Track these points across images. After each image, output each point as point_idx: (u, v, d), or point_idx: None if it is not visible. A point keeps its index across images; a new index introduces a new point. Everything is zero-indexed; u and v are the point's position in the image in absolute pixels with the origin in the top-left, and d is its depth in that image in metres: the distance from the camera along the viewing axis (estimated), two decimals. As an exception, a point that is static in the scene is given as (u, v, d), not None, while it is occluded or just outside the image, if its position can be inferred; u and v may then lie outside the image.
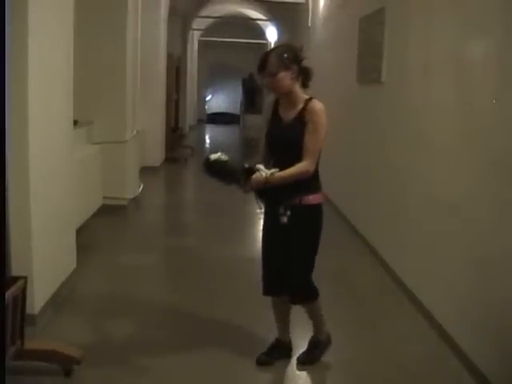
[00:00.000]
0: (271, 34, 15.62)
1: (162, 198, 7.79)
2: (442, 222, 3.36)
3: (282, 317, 2.95)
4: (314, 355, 2.95)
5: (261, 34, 17.30)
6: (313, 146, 2.61)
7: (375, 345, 3.24)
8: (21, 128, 2.92)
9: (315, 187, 2.72)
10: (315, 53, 8.26)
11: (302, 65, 2.67)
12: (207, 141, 15.65)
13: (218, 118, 20.46)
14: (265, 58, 2.63)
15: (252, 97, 16.80)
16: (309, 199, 2.67)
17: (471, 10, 3.11)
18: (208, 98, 21.61)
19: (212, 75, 20.83)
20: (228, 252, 4.85)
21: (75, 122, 4.34)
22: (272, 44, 15.15)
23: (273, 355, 2.93)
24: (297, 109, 2.67)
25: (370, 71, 5.08)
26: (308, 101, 2.66)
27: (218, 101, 21.79)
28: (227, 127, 18.67)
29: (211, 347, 3.06)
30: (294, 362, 2.95)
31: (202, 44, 18.54)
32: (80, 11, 4.12)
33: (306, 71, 2.69)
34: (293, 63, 2.63)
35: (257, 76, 2.72)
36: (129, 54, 5.91)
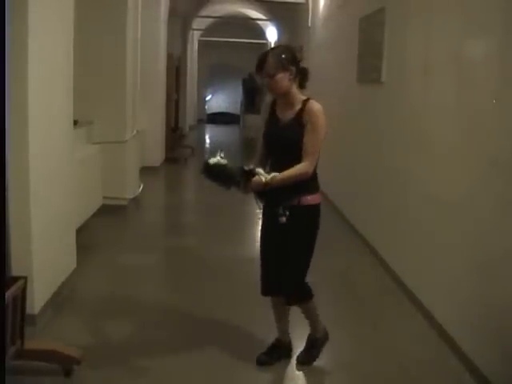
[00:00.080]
0: (271, 33, 15.62)
1: (162, 198, 7.80)
2: (442, 222, 3.36)
3: (282, 317, 2.95)
4: (312, 354, 2.95)
5: (261, 34, 17.30)
6: (312, 146, 2.60)
7: (375, 345, 3.24)
8: (21, 128, 2.92)
9: (313, 188, 2.71)
10: (315, 53, 8.27)
11: (299, 66, 2.67)
12: (207, 141, 15.64)
13: (218, 118, 20.45)
14: (263, 59, 2.62)
15: (252, 97, 16.77)
16: (307, 199, 2.67)
17: (471, 10, 3.12)
18: (208, 97, 21.61)
19: (212, 75, 20.83)
20: (228, 252, 4.85)
21: (75, 121, 4.34)
22: (272, 44, 15.15)
23: (273, 355, 2.93)
24: (294, 109, 2.66)
25: (370, 71, 5.08)
26: (306, 101, 2.66)
27: (218, 101, 21.79)
28: (227, 127, 18.66)
29: (211, 347, 3.07)
30: (293, 362, 2.96)
31: (202, 44, 18.53)
32: (80, 11, 4.12)
33: (303, 72, 2.69)
34: (291, 64, 2.62)
35: (257, 76, 2.70)
36: (129, 53, 5.91)
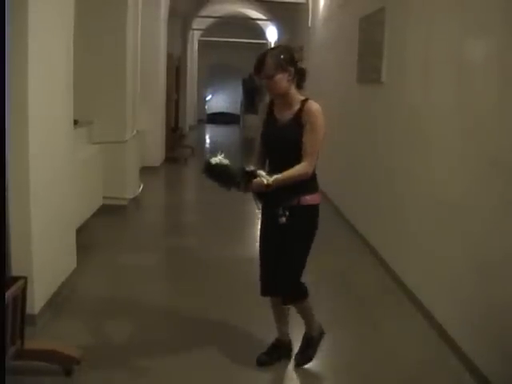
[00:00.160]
0: (271, 33, 15.62)
1: (162, 198, 7.79)
2: (442, 222, 3.35)
3: (281, 317, 2.95)
4: (308, 354, 2.95)
5: (261, 33, 17.30)
6: (311, 146, 2.60)
7: (375, 345, 3.24)
8: (21, 128, 2.92)
9: (313, 188, 2.71)
10: (315, 53, 8.27)
11: (297, 66, 2.67)
12: (207, 141, 15.64)
13: (218, 118, 20.45)
14: (261, 60, 2.60)
15: (252, 97, 16.77)
16: (306, 200, 2.67)
17: (471, 10, 3.11)
18: (208, 98, 21.61)
19: (212, 75, 20.83)
20: (228, 252, 4.85)
21: (75, 121, 4.34)
22: (272, 44, 15.15)
23: (273, 355, 2.93)
24: (293, 110, 2.66)
25: (370, 71, 5.08)
26: (304, 101, 2.65)
27: (218, 101, 21.79)
28: (227, 127, 18.66)
29: (211, 347, 3.06)
30: (293, 361, 2.95)
31: (202, 44, 18.53)
32: (80, 12, 4.11)
33: (301, 72, 2.69)
34: (290, 65, 2.62)
35: (255, 77, 2.70)
36: (129, 53, 5.91)
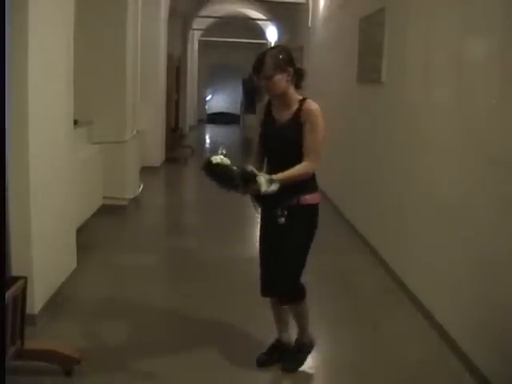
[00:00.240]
0: (271, 33, 15.62)
1: (162, 198, 7.79)
2: (443, 222, 3.35)
3: (281, 317, 2.94)
4: (298, 359, 2.91)
5: (261, 33, 17.30)
6: (313, 145, 2.60)
7: (375, 345, 3.23)
8: (21, 128, 2.92)
9: (312, 187, 2.70)
10: (315, 53, 8.27)
11: (296, 66, 2.66)
12: (207, 141, 15.64)
13: (218, 118, 20.46)
14: (260, 60, 2.59)
15: (252, 97, 16.76)
16: (306, 199, 2.66)
17: (472, 9, 3.11)
18: (208, 98, 21.61)
19: (212, 75, 20.84)
20: (228, 252, 4.85)
21: (75, 121, 4.34)
22: (272, 44, 15.15)
23: (273, 355, 2.93)
24: (291, 110, 2.65)
25: (370, 71, 5.08)
26: (302, 101, 2.65)
27: (218, 101, 21.79)
28: (227, 127, 18.66)
29: (211, 348, 3.06)
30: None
31: (202, 44, 18.53)
32: (80, 12, 4.11)
33: (299, 72, 2.68)
34: (288, 65, 2.61)
35: (254, 77, 2.68)
36: (129, 53, 5.91)
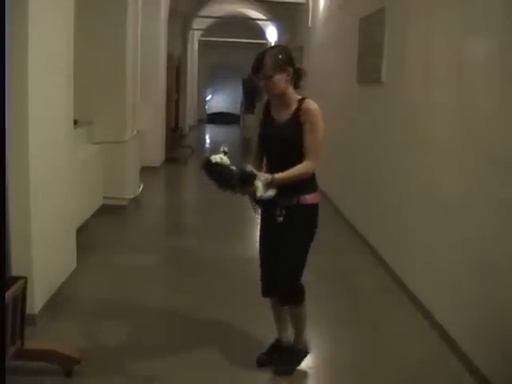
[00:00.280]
0: (271, 33, 15.63)
1: (162, 198, 7.79)
2: (443, 222, 3.35)
3: (282, 317, 2.94)
4: (291, 364, 2.88)
5: (261, 33, 17.30)
6: (313, 145, 2.60)
7: (375, 345, 3.23)
8: (21, 128, 2.92)
9: (312, 187, 2.70)
10: (315, 53, 8.27)
11: (295, 66, 2.66)
12: (207, 141, 15.64)
13: (218, 118, 20.47)
14: (260, 60, 2.59)
15: (252, 97, 16.75)
16: (306, 199, 2.66)
17: (472, 9, 3.11)
18: (208, 98, 21.62)
19: (212, 75, 20.85)
20: (227, 252, 4.85)
21: (75, 121, 4.34)
22: (272, 44, 15.16)
23: (273, 355, 2.92)
24: (291, 109, 2.65)
25: (370, 71, 5.08)
26: (301, 101, 2.65)
27: (218, 101, 21.80)
28: (227, 127, 18.66)
29: (211, 348, 3.06)
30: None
31: (202, 44, 18.54)
32: (80, 12, 4.11)
33: (298, 72, 2.68)
34: (288, 65, 2.61)
35: (253, 77, 2.67)
36: (129, 53, 5.91)
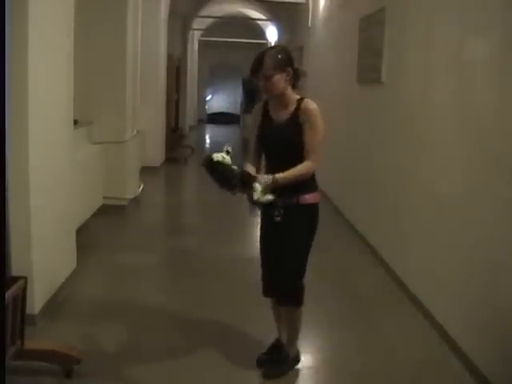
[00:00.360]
0: (271, 33, 15.63)
1: (162, 198, 7.79)
2: (443, 222, 3.35)
3: (282, 317, 2.92)
4: (282, 369, 2.84)
5: (261, 33, 17.30)
6: (313, 144, 2.59)
7: (375, 345, 3.23)
8: (21, 128, 2.92)
9: (312, 187, 2.69)
10: (315, 53, 8.26)
11: (294, 66, 2.66)
12: (207, 141, 15.64)
13: (218, 118, 20.46)
14: (259, 60, 2.58)
15: (252, 97, 16.75)
16: (306, 198, 2.65)
17: (471, 9, 3.11)
18: (208, 98, 21.61)
19: (212, 75, 20.84)
20: (227, 252, 4.85)
21: (75, 121, 4.34)
22: (272, 44, 15.16)
23: (273, 355, 2.91)
24: (289, 109, 2.65)
25: (369, 71, 5.08)
26: (300, 101, 2.64)
27: (218, 101, 21.79)
28: (227, 127, 18.65)
29: (211, 348, 3.06)
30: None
31: (202, 44, 18.53)
32: (80, 12, 4.11)
33: (297, 72, 2.67)
34: (287, 65, 2.61)
35: (253, 78, 2.67)
36: (129, 53, 5.91)
